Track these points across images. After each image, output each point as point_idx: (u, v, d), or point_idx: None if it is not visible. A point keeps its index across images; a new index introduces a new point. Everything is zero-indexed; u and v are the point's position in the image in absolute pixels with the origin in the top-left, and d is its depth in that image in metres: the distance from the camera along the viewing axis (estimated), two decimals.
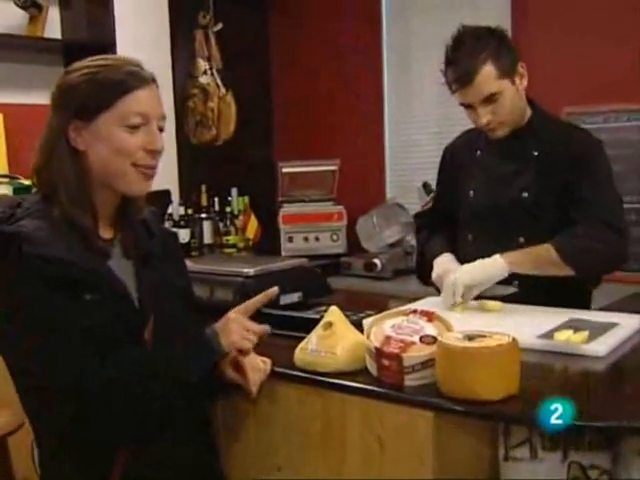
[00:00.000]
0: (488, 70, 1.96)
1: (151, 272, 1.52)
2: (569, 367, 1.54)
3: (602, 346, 1.57)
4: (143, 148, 1.43)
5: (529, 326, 1.70)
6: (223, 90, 3.93)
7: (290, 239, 3.85)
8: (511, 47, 2.06)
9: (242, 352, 1.50)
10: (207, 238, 3.86)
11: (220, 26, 3.96)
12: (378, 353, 1.41)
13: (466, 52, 1.99)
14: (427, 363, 1.38)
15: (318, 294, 2.14)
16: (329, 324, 1.53)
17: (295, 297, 2.07)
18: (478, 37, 2.02)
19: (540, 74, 3.34)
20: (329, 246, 3.87)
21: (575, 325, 1.67)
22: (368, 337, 1.45)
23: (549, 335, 1.62)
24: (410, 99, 4.07)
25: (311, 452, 1.54)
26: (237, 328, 1.47)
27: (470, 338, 1.33)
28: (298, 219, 3.87)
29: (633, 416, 1.28)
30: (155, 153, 1.45)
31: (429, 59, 3.98)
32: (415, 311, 1.51)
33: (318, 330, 1.54)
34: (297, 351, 1.55)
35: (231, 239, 3.94)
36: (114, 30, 3.54)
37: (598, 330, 1.65)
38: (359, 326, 1.70)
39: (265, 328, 1.52)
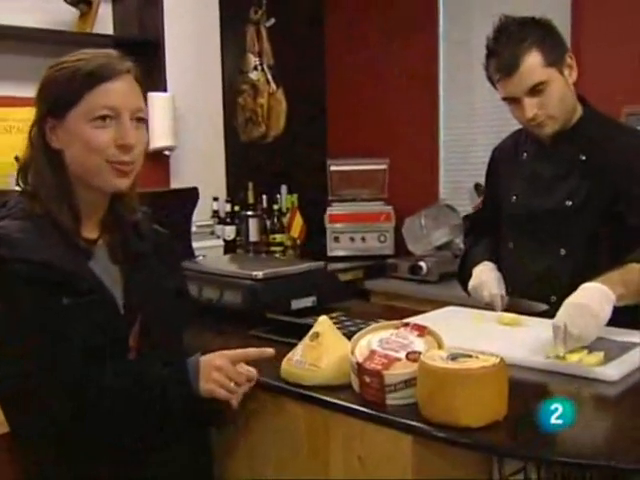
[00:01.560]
0: (534, 57, 1.83)
1: (140, 274, 1.48)
2: (577, 391, 1.41)
3: (616, 370, 1.43)
4: (114, 143, 1.38)
5: (543, 343, 1.57)
6: (274, 86, 3.88)
7: (336, 239, 3.78)
8: (558, 36, 1.92)
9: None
10: (253, 236, 3.82)
11: (273, 21, 3.91)
12: (359, 369, 1.33)
13: (510, 40, 1.86)
14: (411, 382, 1.29)
15: (334, 298, 2.07)
16: (316, 335, 1.45)
17: (309, 302, 2.00)
18: (522, 25, 1.89)
19: (599, 71, 3.18)
20: (376, 247, 3.78)
21: (592, 345, 1.54)
22: (352, 351, 1.37)
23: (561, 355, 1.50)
24: (467, 95, 3.92)
25: (295, 466, 1.47)
26: (218, 377, 1.39)
27: (454, 358, 1.23)
28: (345, 218, 3.79)
29: None
30: (127, 148, 1.38)
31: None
32: (407, 324, 1.41)
33: (305, 340, 1.47)
34: (283, 361, 1.48)
35: (278, 238, 3.89)
36: (163, 25, 3.54)
37: (616, 351, 1.51)
38: None
39: (251, 376, 1.44)
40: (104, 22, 3.56)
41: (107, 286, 1.40)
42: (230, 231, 3.72)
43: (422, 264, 3.48)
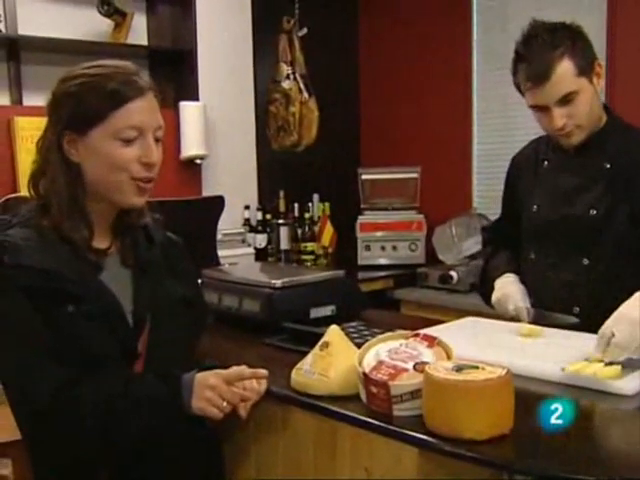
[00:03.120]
0: (565, 66, 1.79)
1: (149, 281, 1.49)
2: (590, 406, 1.37)
3: (632, 384, 1.40)
4: (138, 161, 1.39)
5: (561, 355, 1.54)
6: (306, 95, 3.88)
7: (367, 247, 3.76)
8: (588, 43, 1.87)
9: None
10: (284, 244, 3.83)
11: (305, 31, 3.92)
12: (366, 379, 1.31)
13: (541, 47, 1.81)
14: (417, 393, 1.27)
15: (355, 308, 2.06)
16: (326, 344, 1.45)
17: (328, 310, 1.99)
18: (553, 31, 1.84)
19: (633, 77, 3.12)
20: (407, 256, 3.75)
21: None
22: (360, 361, 1.36)
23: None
24: (502, 103, 3.88)
25: (303, 475, 1.46)
26: (211, 396, 1.38)
27: (459, 369, 1.21)
28: (376, 227, 3.78)
29: None
30: (151, 166, 1.41)
31: None
32: (417, 335, 1.40)
33: (315, 350, 1.46)
34: (293, 371, 1.47)
35: (309, 246, 3.89)
36: (196, 36, 3.58)
37: (633, 365, 1.47)
38: None
39: (244, 395, 1.42)
40: (138, 33, 3.62)
41: (114, 293, 1.41)
42: (261, 239, 3.74)
43: (453, 273, 3.45)
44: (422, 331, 1.45)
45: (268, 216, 3.86)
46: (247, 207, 3.78)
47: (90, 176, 1.40)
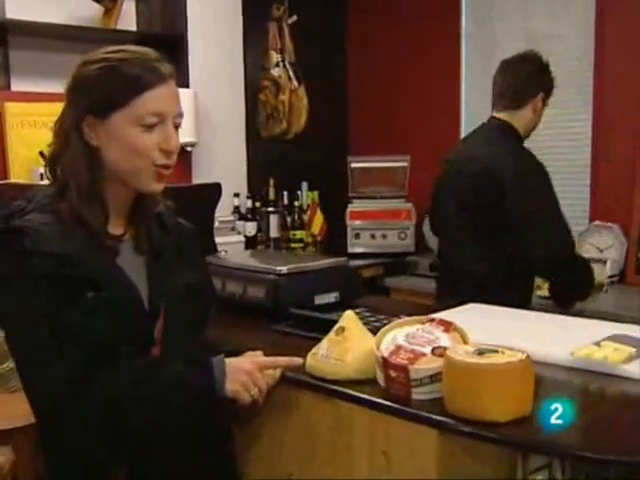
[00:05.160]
0: None
1: (163, 268, 1.49)
2: (601, 389, 1.40)
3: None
4: (158, 147, 1.39)
5: (569, 339, 1.57)
6: (295, 83, 3.89)
7: (357, 236, 3.78)
8: None
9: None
10: (274, 232, 3.83)
11: (295, 18, 3.92)
12: (385, 364, 1.33)
13: None
14: (436, 377, 1.29)
15: (356, 294, 2.07)
16: (342, 329, 1.46)
17: (331, 297, 2.00)
18: None
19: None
20: (397, 244, 3.77)
21: (623, 340, 1.53)
22: (378, 346, 1.37)
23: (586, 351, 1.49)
24: (489, 93, 3.90)
25: (320, 461, 1.48)
26: (245, 381, 1.41)
27: (480, 353, 1.23)
28: (366, 216, 3.79)
29: None
30: (170, 153, 1.41)
31: (509, 51, 3.82)
32: (433, 320, 1.42)
33: (331, 335, 1.47)
34: (308, 356, 1.48)
35: (298, 234, 3.90)
36: (186, 22, 3.56)
37: None
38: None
39: (270, 384, 1.46)
40: (128, 18, 3.59)
41: (132, 280, 1.42)
42: (251, 227, 3.73)
43: None
44: (435, 316, 1.47)
45: (257, 204, 3.86)
46: (237, 195, 3.77)
47: (109, 160, 1.39)
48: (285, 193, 3.96)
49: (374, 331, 1.50)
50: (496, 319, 1.81)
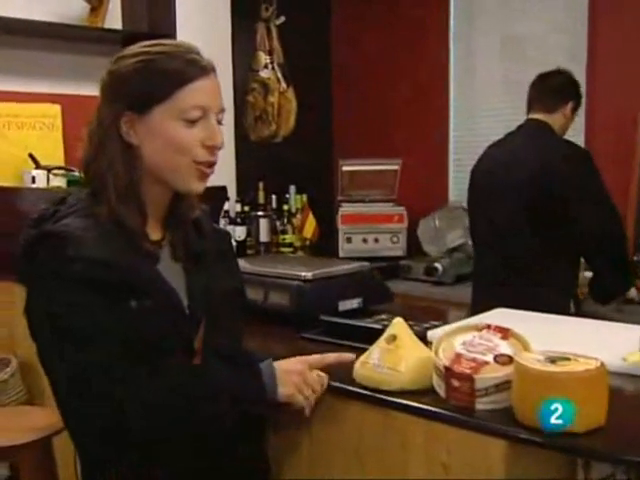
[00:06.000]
0: None
1: (202, 274, 1.42)
2: None
3: None
4: (202, 144, 1.32)
5: (618, 346, 1.54)
6: (284, 85, 3.82)
7: (348, 240, 3.73)
8: None
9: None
10: (263, 236, 3.77)
11: (283, 19, 3.85)
12: (447, 373, 1.28)
13: None
14: (502, 386, 1.25)
15: (378, 300, 2.02)
16: (393, 337, 1.40)
17: (355, 303, 1.96)
18: None
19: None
20: (388, 248, 3.74)
21: None
22: (436, 354, 1.32)
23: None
24: (477, 97, 3.91)
25: (369, 476, 1.42)
26: (299, 382, 1.36)
27: (552, 360, 1.19)
28: (357, 219, 3.75)
29: None
30: (214, 149, 1.34)
31: (496, 53, 3.83)
32: (489, 326, 1.37)
33: (381, 343, 1.42)
34: (357, 365, 1.42)
35: (288, 238, 3.83)
36: (174, 21, 3.46)
37: None
38: (423, 338, 1.58)
39: (323, 383, 1.41)
40: (113, 17, 3.48)
41: (174, 288, 1.35)
42: (241, 231, 3.66)
43: (437, 265, 3.45)
44: (488, 320, 1.42)
45: (247, 208, 3.78)
46: (227, 199, 3.69)
47: (149, 159, 1.32)
48: (273, 197, 3.90)
49: (419, 336, 1.47)
50: (530, 324, 1.77)
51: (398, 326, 1.42)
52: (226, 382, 1.32)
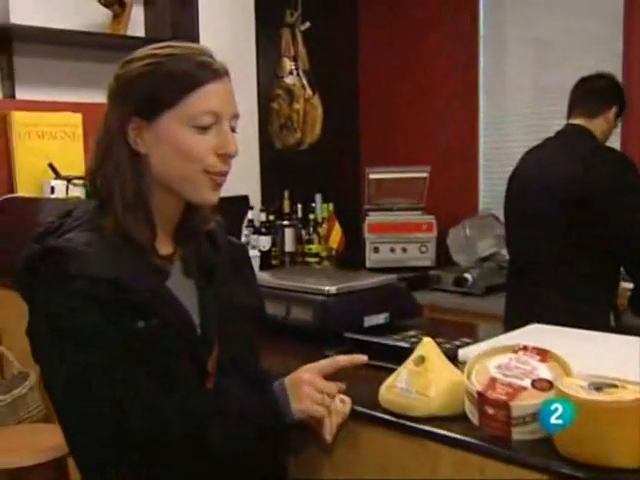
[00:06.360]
0: None
1: (216, 291, 1.34)
2: None
3: None
4: (214, 152, 1.24)
5: None
6: (309, 92, 3.74)
7: (376, 249, 3.63)
8: None
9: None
10: (289, 246, 3.68)
11: (308, 25, 3.77)
12: (481, 399, 1.18)
13: None
14: None
15: (406, 315, 1.92)
16: (421, 359, 1.30)
17: (381, 319, 1.85)
18: None
19: None
20: (417, 258, 3.63)
21: None
22: (469, 378, 1.22)
23: None
24: (507, 103, 3.79)
25: None
26: (311, 392, 1.27)
27: (597, 388, 1.08)
28: (385, 228, 3.64)
29: None
30: (228, 157, 1.25)
31: (525, 59, 3.72)
32: (526, 348, 1.27)
33: (409, 365, 1.32)
34: (383, 389, 1.33)
35: (314, 248, 3.74)
36: (198, 28, 3.40)
37: None
38: (454, 358, 1.47)
39: (340, 386, 1.33)
40: (135, 24, 3.43)
41: (185, 307, 1.26)
42: (265, 241, 3.57)
43: (467, 276, 3.34)
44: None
45: (271, 217, 3.70)
46: (251, 208, 3.61)
47: (157, 168, 1.24)
48: (299, 206, 3.81)
49: (449, 356, 1.36)
50: (568, 341, 1.66)
51: (427, 347, 1.32)
52: (236, 404, 1.24)
